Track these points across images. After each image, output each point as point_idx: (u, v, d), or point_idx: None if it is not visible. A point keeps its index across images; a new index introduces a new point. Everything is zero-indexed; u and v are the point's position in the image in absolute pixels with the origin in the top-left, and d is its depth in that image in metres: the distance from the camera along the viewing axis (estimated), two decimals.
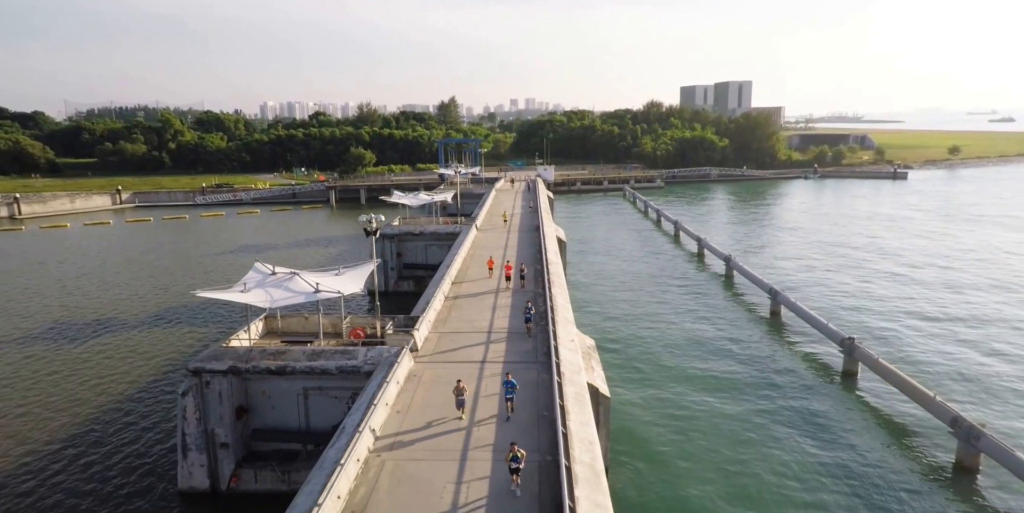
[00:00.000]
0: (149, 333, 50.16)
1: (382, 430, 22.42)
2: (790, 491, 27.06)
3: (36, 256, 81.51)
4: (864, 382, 37.68)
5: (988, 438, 26.90)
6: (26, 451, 32.06)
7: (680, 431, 32.36)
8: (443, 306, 36.22)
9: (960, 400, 34.51)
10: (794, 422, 33.13)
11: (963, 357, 41.22)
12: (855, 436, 31.66)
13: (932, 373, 38.65)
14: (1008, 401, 35.06)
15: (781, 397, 36.08)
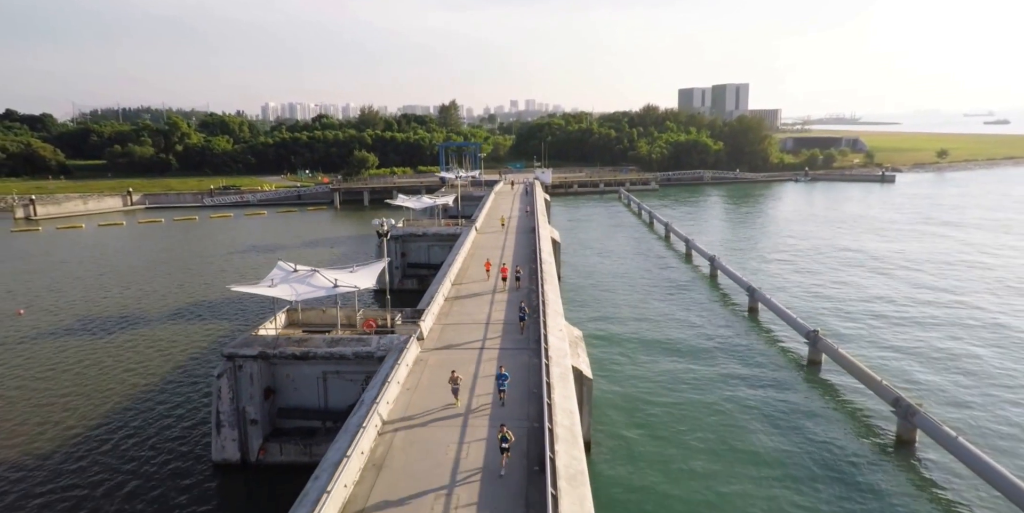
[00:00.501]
0: (179, 324, 54.10)
1: (395, 403, 26.35)
2: (753, 463, 30.95)
3: (57, 256, 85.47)
4: (826, 369, 41.63)
5: (922, 415, 30.84)
6: (77, 428, 35.98)
7: (657, 411, 36.25)
8: (445, 302, 40.15)
9: (906, 386, 38.42)
10: (761, 404, 37.04)
11: (916, 348, 45.14)
12: (814, 415, 35.58)
13: (887, 361, 42.55)
14: (948, 385, 38.98)
15: (752, 383, 39.99)
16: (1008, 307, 54.26)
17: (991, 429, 33.74)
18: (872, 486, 28.84)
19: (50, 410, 38.30)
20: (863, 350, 44.33)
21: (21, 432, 35.71)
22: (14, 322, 56.14)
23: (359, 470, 21.32)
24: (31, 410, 38.38)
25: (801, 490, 28.60)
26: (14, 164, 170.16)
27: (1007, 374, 40.71)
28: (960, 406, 36.29)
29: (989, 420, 34.70)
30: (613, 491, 28.70)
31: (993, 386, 38.96)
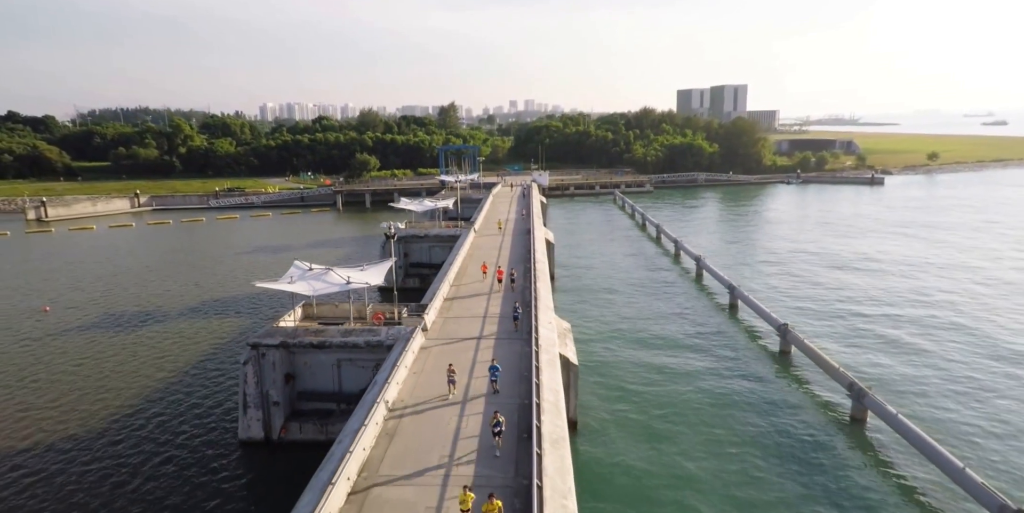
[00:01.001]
0: (198, 319, 57.79)
1: (403, 384, 30.09)
2: (721, 440, 34.66)
3: (73, 256, 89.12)
4: (795, 360, 45.41)
5: (870, 397, 34.63)
6: (113, 412, 39.67)
7: (639, 395, 39.97)
8: (446, 299, 43.87)
9: (863, 373, 42.20)
10: (733, 389, 40.79)
11: (873, 335, 48.94)
12: (780, 397, 39.35)
13: (850, 350, 46.33)
14: (903, 372, 42.77)
15: (726, 371, 43.75)
16: (968, 306, 58.08)
17: (935, 409, 37.57)
18: (826, 459, 32.62)
19: (85, 397, 41.97)
20: (831, 342, 48.12)
21: (61, 417, 39.42)
22: (41, 318, 59.78)
23: (375, 437, 25.05)
24: (68, 397, 42.05)
25: (763, 464, 32.35)
26: (21, 166, 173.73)
27: (958, 363, 44.52)
28: (912, 393, 40.07)
29: (933, 402, 38.53)
30: (596, 466, 32.44)
31: (944, 375, 42.77)
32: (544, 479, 20.51)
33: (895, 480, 30.94)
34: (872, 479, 31.10)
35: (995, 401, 38.74)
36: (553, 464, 22.05)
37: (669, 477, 31.34)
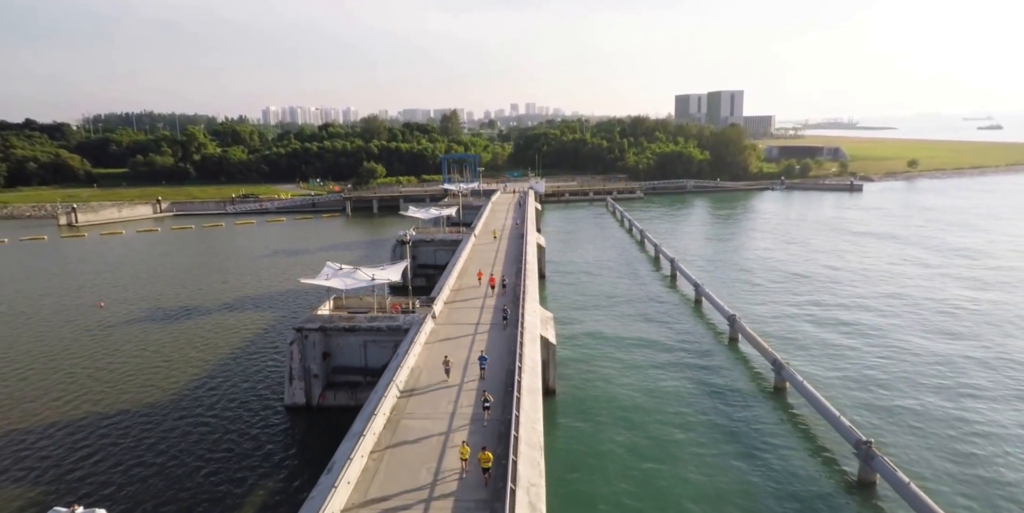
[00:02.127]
0: (238, 311, 66.71)
1: (417, 357, 38.98)
2: (678, 414, 43.50)
3: (110, 258, 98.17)
4: (741, 345, 54.32)
5: (787, 369, 43.47)
6: (175, 387, 48.59)
7: (609, 370, 48.84)
8: (449, 295, 52.82)
9: (796, 356, 51.05)
10: (688, 367, 49.65)
11: (809, 322, 57.79)
12: (729, 381, 48.21)
13: (785, 335, 55.16)
14: (820, 352, 51.62)
15: (684, 356, 52.62)
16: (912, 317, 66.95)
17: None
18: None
19: (151, 376, 50.84)
20: (768, 326, 56.96)
21: (134, 391, 48.37)
22: (97, 313, 68.73)
23: (395, 397, 33.90)
24: (136, 376, 50.97)
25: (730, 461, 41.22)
26: (44, 173, 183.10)
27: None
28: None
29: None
30: (568, 420, 41.34)
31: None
32: (521, 412, 29.39)
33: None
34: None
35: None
36: (528, 403, 30.98)
37: (626, 428, 40.16)
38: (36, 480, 35.94)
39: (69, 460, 38.07)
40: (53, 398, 46.71)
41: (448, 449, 27.85)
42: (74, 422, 42.89)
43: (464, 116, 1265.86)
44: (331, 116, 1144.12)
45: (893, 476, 31.60)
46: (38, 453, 38.95)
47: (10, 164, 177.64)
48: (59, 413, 44.26)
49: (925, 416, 41.41)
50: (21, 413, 44.44)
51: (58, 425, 42.47)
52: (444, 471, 26.27)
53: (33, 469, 37.06)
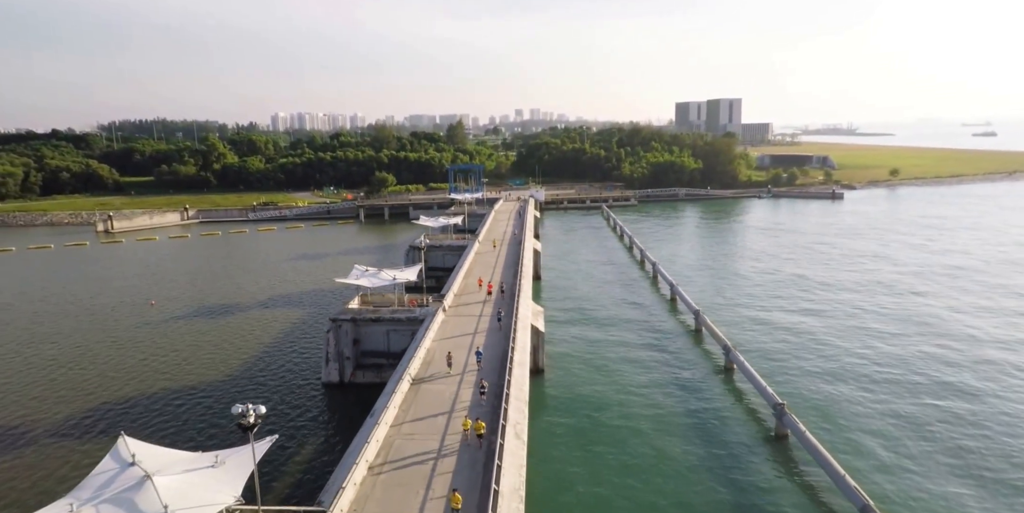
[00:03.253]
0: (276, 307, 77.09)
1: (430, 342, 49.26)
2: (657, 410, 53.59)
3: (150, 262, 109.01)
4: (704, 336, 64.37)
5: (733, 352, 53.59)
6: (228, 367, 58.99)
7: (590, 354, 58.97)
8: (452, 299, 63.16)
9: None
10: (655, 348, 59.72)
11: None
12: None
13: (735, 320, 65.15)
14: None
15: (653, 342, 62.70)
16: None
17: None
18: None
19: (204, 361, 61.11)
20: (736, 327, 66.96)
21: (190, 374, 58.82)
22: (150, 310, 79.31)
23: (410, 378, 44.12)
24: (191, 362, 61.34)
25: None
26: (76, 182, 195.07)
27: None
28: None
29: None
30: (553, 391, 51.57)
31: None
32: (512, 377, 39.59)
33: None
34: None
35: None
36: (518, 372, 41.22)
37: (600, 400, 50.29)
38: (141, 430, 46.36)
39: (151, 424, 48.48)
40: (130, 377, 57.12)
41: (455, 412, 38.06)
42: (152, 394, 53.29)
43: (469, 121, 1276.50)
44: (339, 122, 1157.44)
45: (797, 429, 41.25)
46: (128, 415, 49.39)
47: (45, 174, 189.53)
48: (135, 388, 54.66)
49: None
50: (108, 388, 54.85)
51: (137, 398, 52.85)
52: (451, 428, 36.60)
53: (134, 424, 47.48)
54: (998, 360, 56.47)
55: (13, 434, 46.33)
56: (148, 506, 21.53)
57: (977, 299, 75.41)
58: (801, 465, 39.84)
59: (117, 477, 23.47)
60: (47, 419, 48.71)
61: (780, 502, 35.84)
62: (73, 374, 57.80)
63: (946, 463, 40.08)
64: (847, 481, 34.62)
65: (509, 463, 29.33)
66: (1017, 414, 46.32)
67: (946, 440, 42.87)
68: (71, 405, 51.15)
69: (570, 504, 35.95)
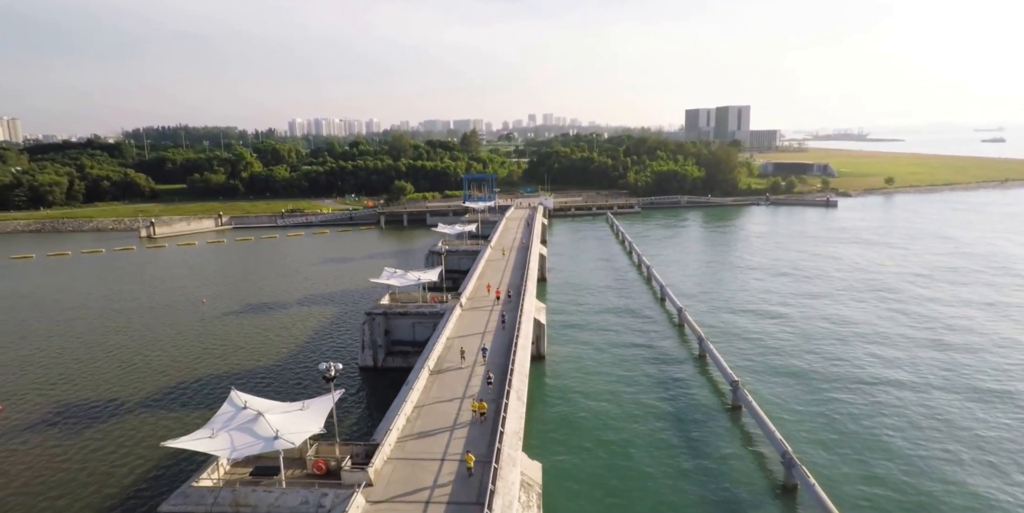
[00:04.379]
0: (314, 304, 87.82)
1: (449, 332, 59.63)
2: (630, 375, 63.54)
3: (194, 265, 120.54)
4: (686, 330, 74.10)
5: (725, 368, 63.46)
6: (277, 353, 69.65)
7: (587, 345, 69.00)
8: (465, 302, 73.52)
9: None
10: (643, 334, 69.60)
11: (733, 312, 77.34)
12: (668, 350, 68.13)
13: (708, 311, 74.78)
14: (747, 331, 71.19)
15: (641, 332, 72.59)
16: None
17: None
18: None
19: (254, 349, 71.89)
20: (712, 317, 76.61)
21: (242, 363, 69.65)
22: (202, 307, 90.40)
23: (434, 360, 54.43)
24: (242, 351, 72.08)
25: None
26: (116, 190, 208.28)
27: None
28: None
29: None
30: (553, 376, 61.73)
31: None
32: (516, 357, 49.80)
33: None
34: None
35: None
36: (520, 354, 51.44)
37: (592, 380, 60.29)
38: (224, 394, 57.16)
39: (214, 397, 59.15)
40: (197, 360, 67.99)
41: (467, 392, 48.41)
42: (218, 373, 64.03)
43: (483, 126, 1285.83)
44: (354, 128, 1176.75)
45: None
46: (209, 385, 60.17)
47: (87, 183, 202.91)
48: (204, 368, 65.48)
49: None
50: (178, 369, 65.73)
51: (207, 376, 63.62)
52: (464, 405, 46.89)
53: (217, 390, 58.23)
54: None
55: (124, 400, 57.25)
56: (264, 432, 31.92)
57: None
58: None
59: (235, 416, 33.88)
60: (148, 388, 59.60)
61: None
62: (151, 358, 68.81)
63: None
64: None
65: (512, 415, 39.55)
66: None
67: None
68: (163, 379, 62.04)
69: (557, 443, 46.07)
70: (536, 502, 34.20)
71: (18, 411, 55.56)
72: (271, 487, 30.91)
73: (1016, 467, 43.60)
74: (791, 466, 39.74)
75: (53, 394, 59.30)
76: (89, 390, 60.18)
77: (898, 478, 42.05)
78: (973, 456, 45.11)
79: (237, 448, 30.34)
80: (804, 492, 38.38)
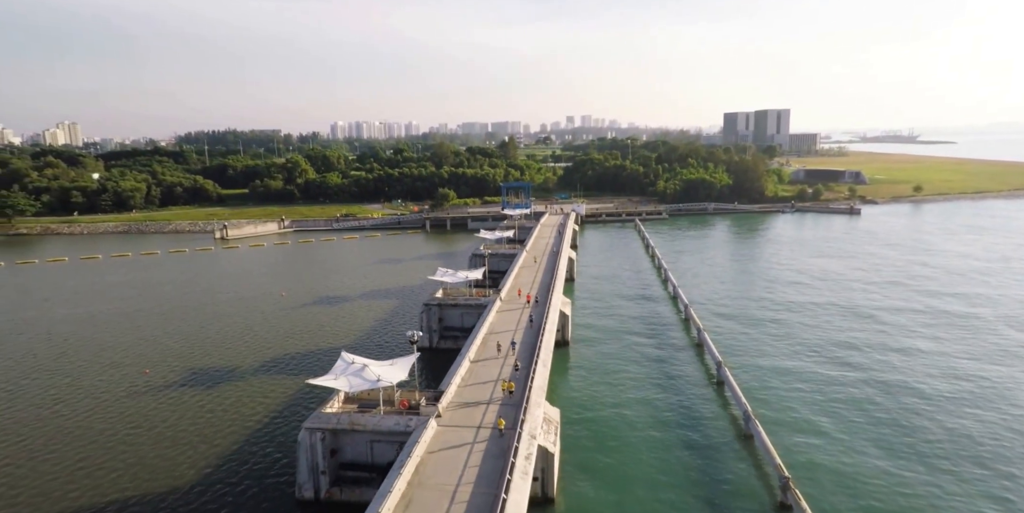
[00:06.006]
0: (377, 298, 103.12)
1: (491, 318, 73.66)
2: (643, 360, 76.57)
3: (266, 264, 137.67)
4: (692, 332, 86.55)
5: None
6: (354, 333, 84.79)
7: (606, 332, 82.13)
8: (499, 305, 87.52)
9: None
10: (656, 325, 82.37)
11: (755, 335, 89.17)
12: (679, 366, 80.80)
13: (721, 311, 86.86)
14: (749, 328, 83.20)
15: (655, 326, 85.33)
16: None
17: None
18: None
19: (332, 332, 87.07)
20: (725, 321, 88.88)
21: (327, 340, 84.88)
22: (281, 299, 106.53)
23: (482, 340, 68.42)
24: (322, 330, 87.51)
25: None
26: (187, 195, 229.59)
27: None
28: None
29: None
30: (577, 356, 75.19)
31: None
32: (542, 343, 63.46)
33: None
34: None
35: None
36: (547, 339, 65.12)
37: (607, 359, 73.45)
38: (322, 363, 72.39)
39: (327, 360, 74.41)
40: (285, 339, 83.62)
41: (500, 375, 62.27)
42: (307, 351, 79.33)
43: (520, 128, 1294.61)
44: (394, 130, 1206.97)
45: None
46: (309, 357, 75.43)
47: (162, 188, 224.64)
48: (296, 345, 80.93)
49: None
50: (273, 346, 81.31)
51: (303, 351, 78.97)
52: (497, 385, 60.80)
53: (320, 362, 73.48)
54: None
55: (244, 366, 72.88)
56: (370, 377, 46.31)
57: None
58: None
59: (348, 368, 48.41)
60: (258, 358, 75.19)
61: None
62: (251, 337, 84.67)
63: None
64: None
65: (539, 375, 53.31)
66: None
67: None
68: (267, 352, 77.56)
69: (574, 399, 59.52)
70: (555, 431, 47.84)
71: (159, 375, 71.77)
72: (374, 415, 45.41)
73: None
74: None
75: (185, 362, 75.45)
76: (216, 359, 76.16)
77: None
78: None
79: (353, 386, 44.96)
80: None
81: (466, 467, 39.19)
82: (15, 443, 55.02)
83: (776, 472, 45.39)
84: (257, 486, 47.39)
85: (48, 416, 60.35)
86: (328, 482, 44.51)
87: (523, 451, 39.12)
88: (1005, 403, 59.73)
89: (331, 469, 44.69)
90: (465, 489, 36.69)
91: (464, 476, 38.11)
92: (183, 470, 50.00)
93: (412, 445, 40.39)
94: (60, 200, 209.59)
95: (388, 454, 43.97)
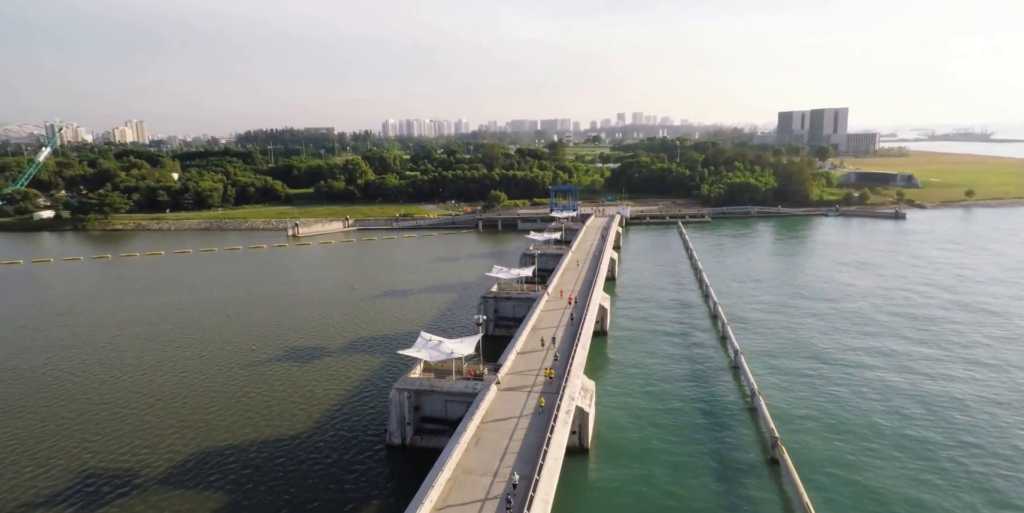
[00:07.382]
0: (439, 291, 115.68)
1: (538, 312, 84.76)
2: (674, 348, 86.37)
3: (337, 259, 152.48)
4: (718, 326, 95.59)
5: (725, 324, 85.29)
6: (422, 321, 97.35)
7: (643, 323, 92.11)
8: (543, 304, 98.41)
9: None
10: (688, 317, 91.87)
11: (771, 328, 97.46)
12: (697, 327, 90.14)
13: (739, 313, 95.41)
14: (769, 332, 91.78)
15: (687, 316, 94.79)
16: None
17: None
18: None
19: (402, 321, 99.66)
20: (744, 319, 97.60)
21: (400, 326, 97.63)
22: (353, 292, 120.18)
23: (530, 329, 79.59)
24: (394, 316, 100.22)
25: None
26: (258, 195, 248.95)
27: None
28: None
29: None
30: (615, 343, 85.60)
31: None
32: (582, 330, 74.18)
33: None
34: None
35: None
36: (586, 328, 75.83)
37: (643, 345, 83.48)
38: (398, 344, 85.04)
39: (401, 340, 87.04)
40: (362, 324, 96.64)
41: (543, 364, 73.26)
42: (382, 335, 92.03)
43: (570, 126, 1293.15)
44: (443, 128, 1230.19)
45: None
46: (388, 338, 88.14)
47: (236, 188, 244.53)
48: (366, 332, 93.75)
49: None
50: (348, 333, 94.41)
51: (368, 339, 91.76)
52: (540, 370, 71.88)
53: (394, 343, 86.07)
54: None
55: (337, 345, 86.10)
56: (445, 350, 58.11)
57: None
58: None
59: (427, 344, 60.36)
60: (345, 339, 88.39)
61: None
62: (336, 323, 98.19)
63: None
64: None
65: (578, 354, 64.23)
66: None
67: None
68: (348, 335, 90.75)
69: (608, 380, 69.99)
70: (591, 397, 58.76)
71: (263, 351, 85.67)
72: (448, 380, 57.28)
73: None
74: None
75: (284, 342, 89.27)
76: (309, 339, 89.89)
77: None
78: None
79: (432, 357, 57.04)
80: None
81: (520, 417, 50.59)
82: (168, 399, 69.47)
83: (770, 435, 55.06)
84: (356, 434, 59.95)
85: (186, 382, 74.78)
86: (412, 431, 56.63)
87: (564, 406, 50.23)
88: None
89: (414, 421, 56.79)
90: (519, 434, 48.06)
91: (519, 423, 49.51)
92: (296, 421, 63.06)
93: (479, 402, 51.97)
94: (147, 199, 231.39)
95: (459, 411, 55.73)
